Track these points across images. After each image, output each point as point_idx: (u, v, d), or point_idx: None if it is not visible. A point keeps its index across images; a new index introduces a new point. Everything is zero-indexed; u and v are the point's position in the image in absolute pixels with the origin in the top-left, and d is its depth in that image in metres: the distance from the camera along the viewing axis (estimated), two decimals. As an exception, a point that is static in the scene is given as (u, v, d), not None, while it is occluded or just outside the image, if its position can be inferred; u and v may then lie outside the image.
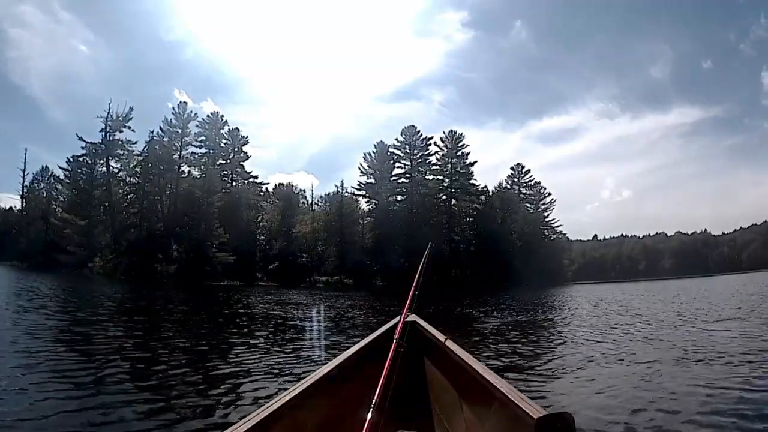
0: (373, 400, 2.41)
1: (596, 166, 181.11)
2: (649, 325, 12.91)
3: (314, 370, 2.77)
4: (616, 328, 12.49)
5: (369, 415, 2.29)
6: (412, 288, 4.16)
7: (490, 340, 10.30)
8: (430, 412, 3.43)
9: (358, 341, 3.51)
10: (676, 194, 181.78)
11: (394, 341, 3.16)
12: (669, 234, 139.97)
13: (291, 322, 12.91)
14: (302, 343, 9.10)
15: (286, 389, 2.53)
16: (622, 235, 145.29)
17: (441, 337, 3.36)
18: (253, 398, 5.28)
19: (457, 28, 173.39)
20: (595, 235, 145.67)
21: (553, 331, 12.31)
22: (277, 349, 8.54)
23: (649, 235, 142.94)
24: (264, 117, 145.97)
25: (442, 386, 3.32)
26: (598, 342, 9.95)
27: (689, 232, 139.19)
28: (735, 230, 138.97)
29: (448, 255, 63.88)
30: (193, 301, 23.27)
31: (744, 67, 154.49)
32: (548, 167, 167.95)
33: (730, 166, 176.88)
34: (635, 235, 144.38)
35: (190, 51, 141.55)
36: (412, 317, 3.86)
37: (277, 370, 6.67)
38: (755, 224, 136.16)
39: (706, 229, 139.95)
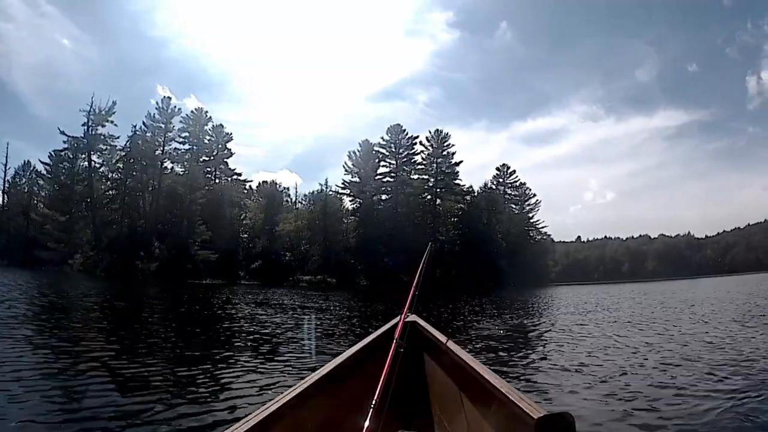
0: (373, 401, 2.42)
1: (580, 168, 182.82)
2: (646, 326, 12.83)
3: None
4: (612, 329, 12.43)
5: (369, 416, 2.31)
6: (413, 288, 4.12)
7: (483, 343, 10.10)
8: (430, 413, 3.42)
9: (356, 343, 3.46)
10: (660, 197, 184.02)
11: (394, 341, 3.16)
12: (653, 236, 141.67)
13: (270, 327, 12.42)
14: (280, 352, 8.58)
15: (277, 393, 2.51)
16: (605, 236, 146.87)
17: (441, 337, 3.35)
18: (221, 410, 5.00)
19: (442, 29, 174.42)
20: (579, 237, 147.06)
21: (549, 333, 12.09)
22: (248, 356, 8.05)
23: (632, 237, 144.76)
24: (248, 115, 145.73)
25: (442, 386, 3.31)
26: (596, 344, 9.88)
27: (673, 235, 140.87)
28: (719, 233, 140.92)
29: (433, 255, 63.71)
30: (171, 300, 22.71)
31: (729, 71, 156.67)
32: (532, 168, 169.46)
33: (714, 170, 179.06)
34: (619, 237, 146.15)
35: (174, 47, 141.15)
36: (412, 317, 3.82)
37: (247, 381, 6.25)
38: (738, 227, 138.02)
39: (689, 232, 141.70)
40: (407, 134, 71.96)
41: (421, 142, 72.38)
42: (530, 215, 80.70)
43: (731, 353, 8.09)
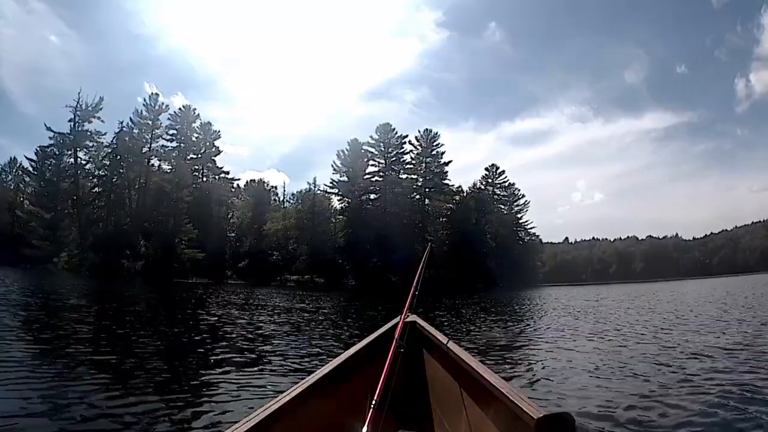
0: (373, 401, 2.45)
1: (568, 169, 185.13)
2: (643, 327, 12.70)
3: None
4: (609, 330, 12.27)
5: (369, 416, 2.33)
6: (412, 288, 4.13)
7: (477, 345, 9.86)
8: (431, 413, 3.44)
9: (355, 344, 3.45)
10: (648, 198, 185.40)
11: (394, 341, 3.19)
12: (640, 238, 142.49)
13: (255, 330, 11.93)
14: (264, 358, 7.99)
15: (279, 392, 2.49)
16: (593, 237, 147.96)
17: (441, 337, 3.35)
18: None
19: (431, 28, 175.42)
20: (567, 238, 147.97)
21: (544, 334, 11.86)
22: (228, 361, 7.53)
23: (620, 238, 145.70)
24: (235, 114, 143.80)
25: (443, 386, 3.30)
26: (593, 344, 9.78)
27: (661, 236, 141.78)
28: (706, 235, 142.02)
29: (421, 255, 63.36)
30: (154, 300, 22.16)
31: (718, 73, 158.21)
32: (520, 169, 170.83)
33: (702, 172, 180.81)
34: (606, 239, 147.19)
35: (161, 45, 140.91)
36: (412, 317, 3.83)
37: (226, 389, 5.80)
38: (726, 230, 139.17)
39: (677, 234, 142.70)
40: (396, 133, 71.86)
41: (410, 142, 72.43)
42: (519, 216, 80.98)
43: (732, 354, 8.01)
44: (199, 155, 66.63)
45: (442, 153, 72.74)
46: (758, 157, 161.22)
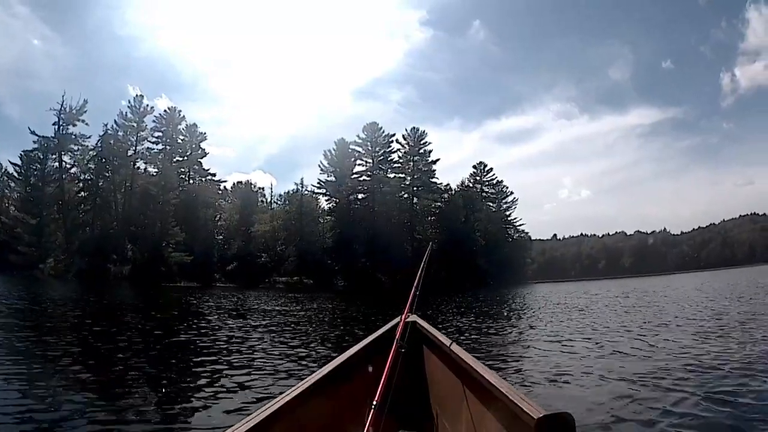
0: (374, 401, 2.47)
1: (554, 166, 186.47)
2: (644, 326, 12.70)
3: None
4: (607, 329, 12.18)
5: (369, 416, 2.36)
6: (413, 288, 4.14)
7: (473, 346, 9.78)
8: (431, 413, 3.43)
9: (359, 342, 3.45)
10: (635, 194, 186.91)
11: (395, 342, 3.23)
12: (628, 233, 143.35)
13: (244, 337, 11.57)
14: (249, 371, 7.59)
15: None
16: (581, 234, 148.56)
17: (441, 337, 3.34)
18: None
19: (415, 27, 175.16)
20: (555, 235, 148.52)
21: (541, 334, 11.76)
22: (211, 371, 7.19)
23: (608, 234, 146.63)
24: (220, 115, 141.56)
25: (443, 387, 3.29)
26: (592, 344, 9.68)
27: (649, 231, 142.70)
28: (694, 229, 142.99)
29: (410, 254, 63.54)
30: (138, 305, 21.78)
31: (703, 69, 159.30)
32: (506, 167, 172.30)
33: (687, 167, 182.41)
34: (595, 235, 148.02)
35: (144, 47, 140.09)
36: (413, 318, 3.81)
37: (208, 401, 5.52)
38: (713, 224, 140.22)
39: (665, 228, 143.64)
40: (384, 132, 71.79)
41: (397, 141, 72.34)
42: (507, 213, 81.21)
43: (733, 353, 7.93)
44: (185, 157, 66.12)
45: (430, 151, 72.91)
46: (743, 151, 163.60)
